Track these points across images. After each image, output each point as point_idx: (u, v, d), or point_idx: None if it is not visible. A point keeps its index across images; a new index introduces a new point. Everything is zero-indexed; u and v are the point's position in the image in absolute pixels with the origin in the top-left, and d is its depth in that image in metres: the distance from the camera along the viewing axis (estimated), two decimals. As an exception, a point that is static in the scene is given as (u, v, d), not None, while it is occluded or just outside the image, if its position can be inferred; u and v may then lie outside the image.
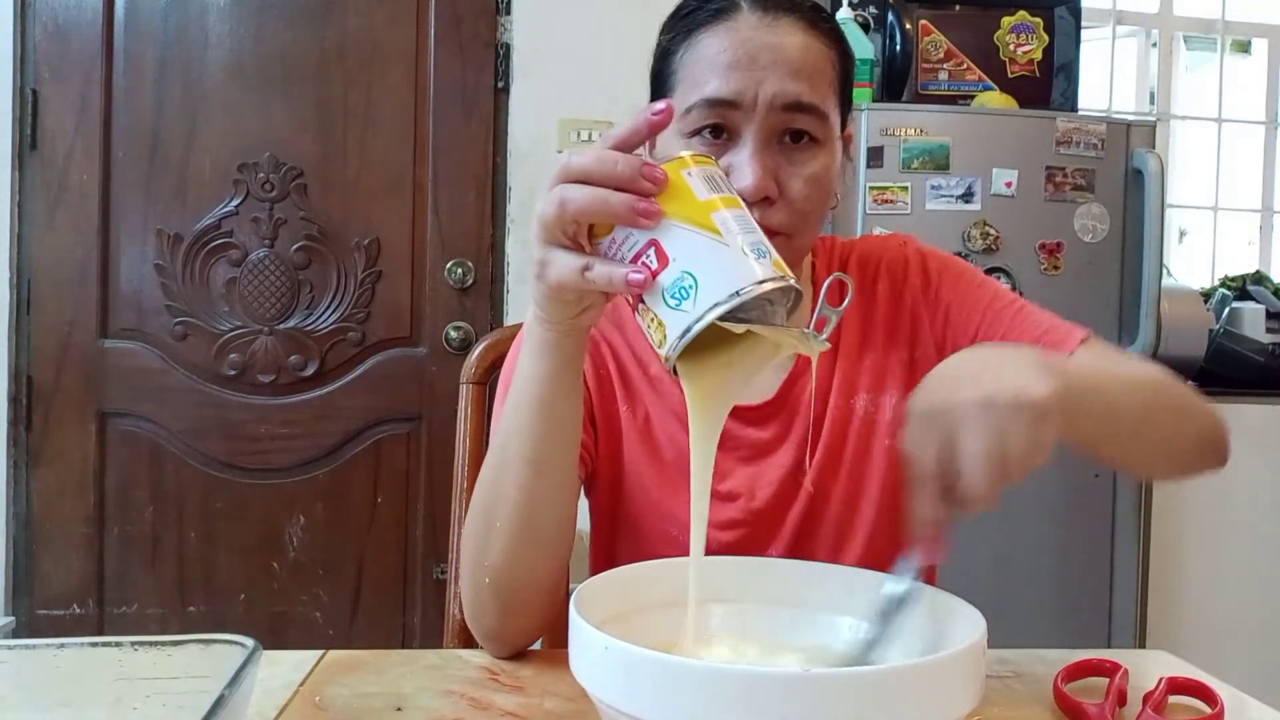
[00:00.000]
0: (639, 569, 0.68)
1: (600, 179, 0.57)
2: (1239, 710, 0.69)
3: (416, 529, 2.33)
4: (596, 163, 0.57)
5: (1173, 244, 3.01)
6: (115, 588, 2.26)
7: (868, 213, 1.91)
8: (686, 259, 0.55)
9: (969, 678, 0.52)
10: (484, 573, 0.75)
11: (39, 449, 2.25)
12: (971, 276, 0.92)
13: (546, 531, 0.75)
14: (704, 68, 0.80)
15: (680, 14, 0.84)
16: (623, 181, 0.56)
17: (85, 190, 2.24)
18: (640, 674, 0.50)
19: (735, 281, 0.54)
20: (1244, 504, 2.41)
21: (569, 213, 0.58)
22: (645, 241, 0.56)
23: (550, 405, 0.71)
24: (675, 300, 0.55)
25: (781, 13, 0.80)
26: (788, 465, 0.87)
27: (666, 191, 0.57)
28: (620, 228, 0.57)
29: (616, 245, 0.58)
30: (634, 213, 0.56)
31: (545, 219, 0.59)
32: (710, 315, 0.54)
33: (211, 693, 0.50)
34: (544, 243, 0.60)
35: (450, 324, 2.33)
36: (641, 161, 0.57)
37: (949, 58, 2.09)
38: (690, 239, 0.56)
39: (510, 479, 0.73)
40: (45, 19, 2.23)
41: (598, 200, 0.57)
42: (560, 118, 2.35)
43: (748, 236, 0.56)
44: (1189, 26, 2.98)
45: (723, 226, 0.56)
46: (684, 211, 0.56)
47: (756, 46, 0.79)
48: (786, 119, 0.79)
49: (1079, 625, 2.00)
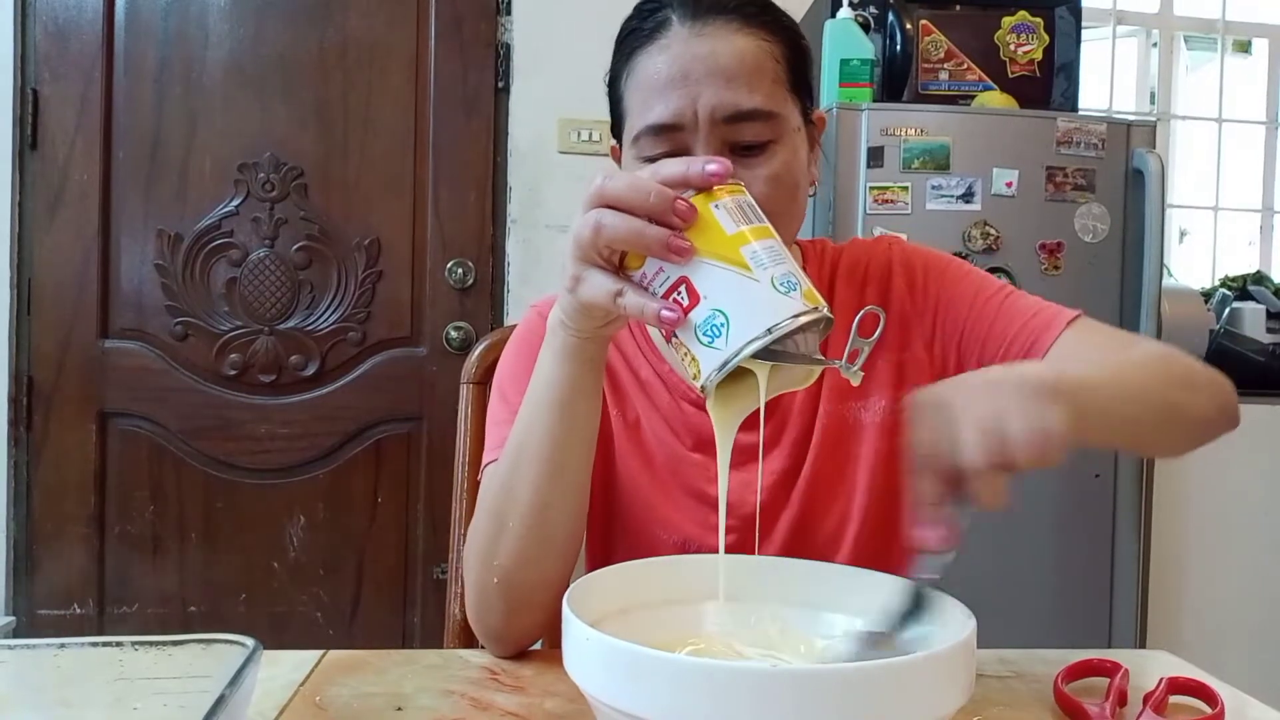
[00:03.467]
0: (633, 567, 0.68)
1: (632, 207, 0.58)
2: (1239, 710, 0.69)
3: (416, 529, 2.33)
4: (630, 190, 0.58)
5: (1173, 244, 3.01)
6: (115, 588, 2.26)
7: (868, 213, 1.91)
8: (718, 296, 0.56)
9: (957, 676, 0.52)
10: (492, 573, 0.75)
11: (39, 449, 2.25)
12: (957, 271, 0.90)
13: (558, 534, 0.75)
14: (643, 93, 0.79)
15: (621, 35, 0.83)
16: (654, 212, 0.57)
17: (85, 190, 2.24)
18: (620, 667, 0.51)
19: (766, 319, 0.55)
20: (1244, 504, 2.41)
21: (603, 238, 0.59)
22: (677, 278, 0.57)
23: (571, 406, 0.71)
24: (708, 338, 0.56)
25: (711, 17, 0.78)
26: (778, 470, 0.86)
27: (696, 226, 0.57)
28: (652, 260, 0.58)
29: (649, 278, 0.59)
30: (666, 249, 0.57)
31: (580, 239, 0.60)
32: (743, 354, 0.55)
33: (212, 693, 0.50)
34: (578, 260, 0.61)
35: (450, 324, 2.33)
36: (674, 195, 0.57)
37: (949, 58, 2.08)
38: (721, 276, 0.56)
39: (525, 480, 0.73)
40: (45, 19, 2.23)
41: (633, 231, 0.58)
42: (560, 118, 2.35)
43: (778, 269, 0.56)
44: (1189, 26, 2.98)
45: (752, 260, 0.56)
46: (714, 247, 0.57)
47: (688, 60, 0.77)
48: (732, 131, 0.77)
49: (1079, 625, 2.00)
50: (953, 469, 0.54)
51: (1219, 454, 2.51)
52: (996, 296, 0.87)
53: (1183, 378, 0.74)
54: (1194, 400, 0.74)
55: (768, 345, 0.55)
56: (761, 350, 0.55)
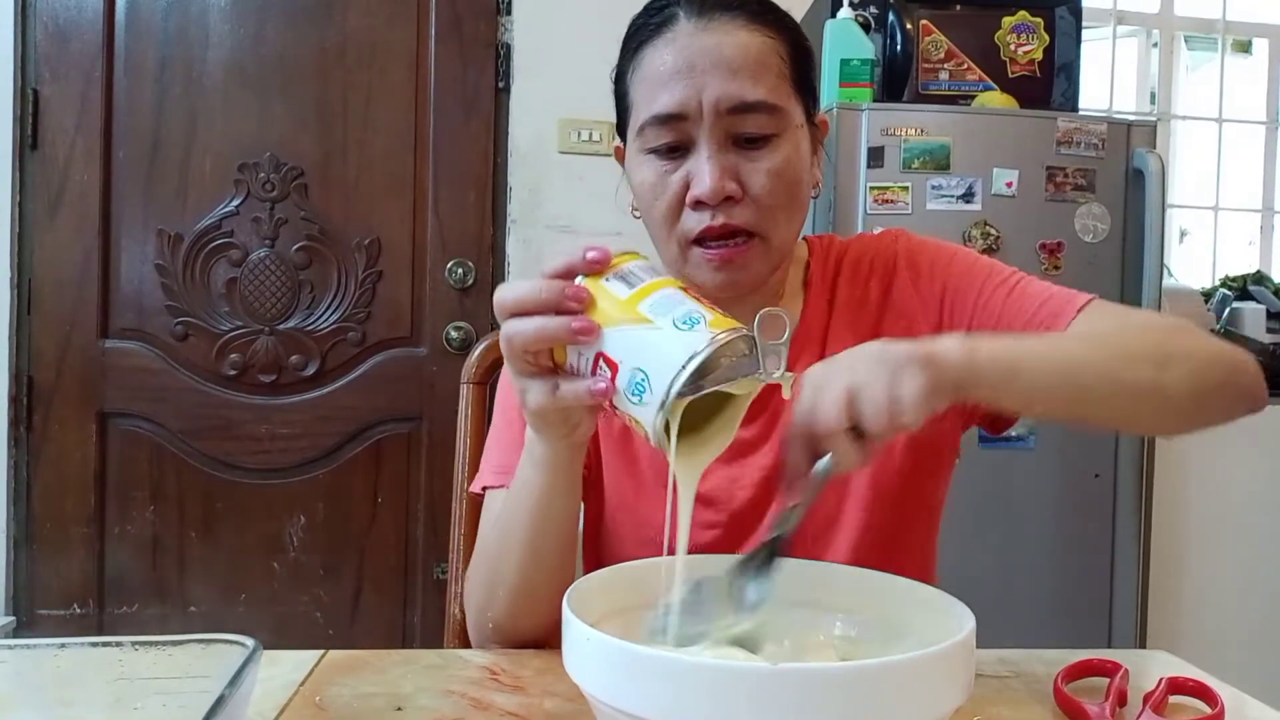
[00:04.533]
0: (633, 567, 0.68)
1: (531, 307, 0.61)
2: (1239, 710, 0.69)
3: (416, 529, 2.33)
4: (525, 293, 0.62)
5: (1173, 244, 3.01)
6: (115, 588, 2.26)
7: (868, 213, 1.91)
8: (632, 357, 0.58)
9: (956, 676, 0.52)
10: (487, 620, 0.81)
11: (39, 449, 2.25)
12: (964, 260, 0.89)
13: (547, 594, 0.76)
14: (649, 84, 0.81)
15: (629, 33, 0.85)
16: (550, 306, 0.60)
17: (85, 190, 2.24)
18: (620, 667, 0.51)
19: (679, 357, 0.56)
20: (1244, 504, 2.42)
21: (516, 345, 0.62)
22: (594, 355, 0.60)
23: (548, 508, 0.75)
24: (636, 396, 0.58)
25: (718, 13, 0.80)
26: (767, 467, 0.86)
27: (593, 305, 0.60)
28: (571, 347, 0.61)
29: (575, 366, 0.62)
30: (571, 333, 0.60)
31: (506, 354, 0.64)
32: (670, 398, 0.56)
33: (212, 693, 0.50)
34: (515, 375, 0.65)
35: (450, 324, 2.33)
36: (562, 286, 0.60)
37: (949, 58, 2.08)
38: (628, 338, 0.59)
39: (510, 565, 0.78)
40: (46, 19, 2.23)
41: (537, 329, 0.61)
42: (560, 118, 2.35)
43: (678, 310, 0.58)
44: (1190, 26, 2.98)
45: (652, 313, 0.59)
46: (614, 315, 0.59)
47: (694, 52, 0.79)
48: (736, 123, 0.79)
49: (1079, 625, 2.00)
50: (813, 433, 0.59)
51: (1219, 454, 2.52)
52: (1005, 285, 0.85)
53: (1152, 355, 0.71)
54: (1157, 377, 0.70)
55: (691, 379, 0.56)
56: (686, 389, 0.56)
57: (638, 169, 0.84)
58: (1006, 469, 1.95)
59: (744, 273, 0.82)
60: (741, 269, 0.82)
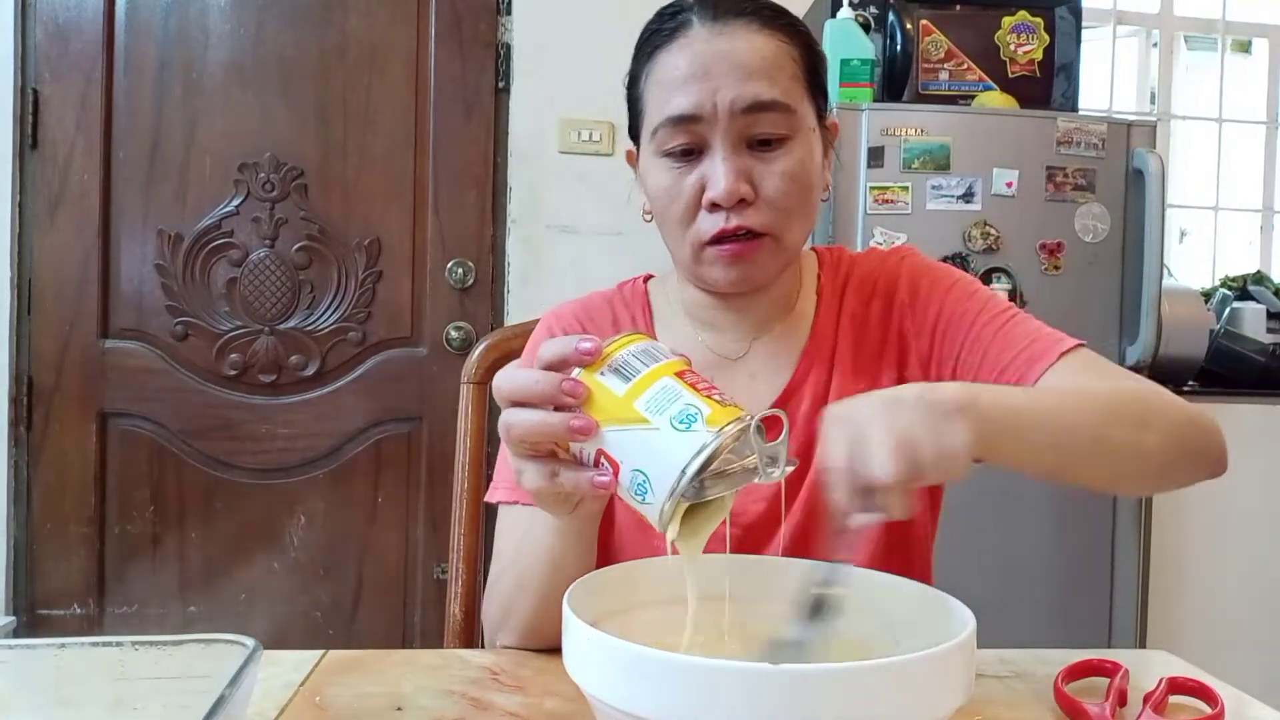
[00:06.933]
0: (633, 567, 0.69)
1: (528, 399, 0.60)
2: (1239, 710, 0.69)
3: (416, 529, 2.33)
4: (523, 385, 0.60)
5: (1173, 244, 3.01)
6: (115, 588, 2.26)
7: (868, 213, 1.91)
8: (632, 458, 0.58)
9: (956, 676, 0.52)
10: (497, 640, 0.84)
11: (39, 449, 2.25)
12: (963, 288, 0.89)
13: (558, 631, 0.76)
14: (664, 88, 0.81)
15: (642, 39, 0.86)
16: (545, 399, 0.60)
17: (85, 190, 2.24)
18: (620, 667, 0.51)
19: (679, 461, 0.56)
20: (1244, 504, 2.41)
21: (515, 435, 0.61)
22: (594, 451, 0.59)
23: (560, 561, 0.75)
24: (640, 497, 0.58)
25: (731, 18, 0.81)
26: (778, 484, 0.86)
27: (590, 400, 0.59)
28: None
29: (575, 452, 0.61)
30: (570, 431, 0.59)
31: (506, 440, 0.63)
32: (670, 502, 0.56)
33: (212, 693, 0.50)
34: (514, 456, 0.63)
35: (451, 324, 2.33)
36: (559, 379, 0.59)
37: (949, 58, 2.08)
38: (626, 439, 0.58)
39: (524, 604, 0.79)
40: (46, 19, 2.23)
41: (537, 424, 0.60)
42: (560, 118, 2.35)
43: (675, 407, 0.57)
44: (1189, 26, 2.98)
45: (648, 411, 0.57)
46: (611, 413, 0.58)
47: (709, 56, 0.79)
48: (750, 122, 0.79)
49: (1079, 625, 2.00)
50: (864, 483, 0.56)
51: (1219, 454, 2.50)
52: (997, 320, 0.85)
53: (1135, 417, 0.72)
54: (1139, 439, 0.71)
55: (691, 482, 0.56)
56: (688, 489, 0.56)
57: (651, 172, 0.84)
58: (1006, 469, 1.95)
59: (755, 269, 0.83)
60: (753, 265, 0.83)
